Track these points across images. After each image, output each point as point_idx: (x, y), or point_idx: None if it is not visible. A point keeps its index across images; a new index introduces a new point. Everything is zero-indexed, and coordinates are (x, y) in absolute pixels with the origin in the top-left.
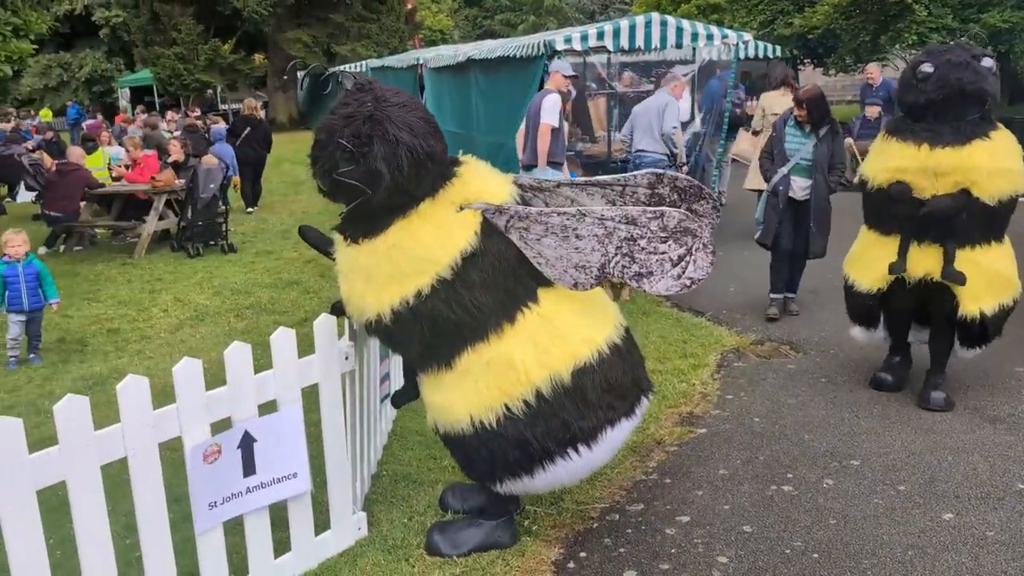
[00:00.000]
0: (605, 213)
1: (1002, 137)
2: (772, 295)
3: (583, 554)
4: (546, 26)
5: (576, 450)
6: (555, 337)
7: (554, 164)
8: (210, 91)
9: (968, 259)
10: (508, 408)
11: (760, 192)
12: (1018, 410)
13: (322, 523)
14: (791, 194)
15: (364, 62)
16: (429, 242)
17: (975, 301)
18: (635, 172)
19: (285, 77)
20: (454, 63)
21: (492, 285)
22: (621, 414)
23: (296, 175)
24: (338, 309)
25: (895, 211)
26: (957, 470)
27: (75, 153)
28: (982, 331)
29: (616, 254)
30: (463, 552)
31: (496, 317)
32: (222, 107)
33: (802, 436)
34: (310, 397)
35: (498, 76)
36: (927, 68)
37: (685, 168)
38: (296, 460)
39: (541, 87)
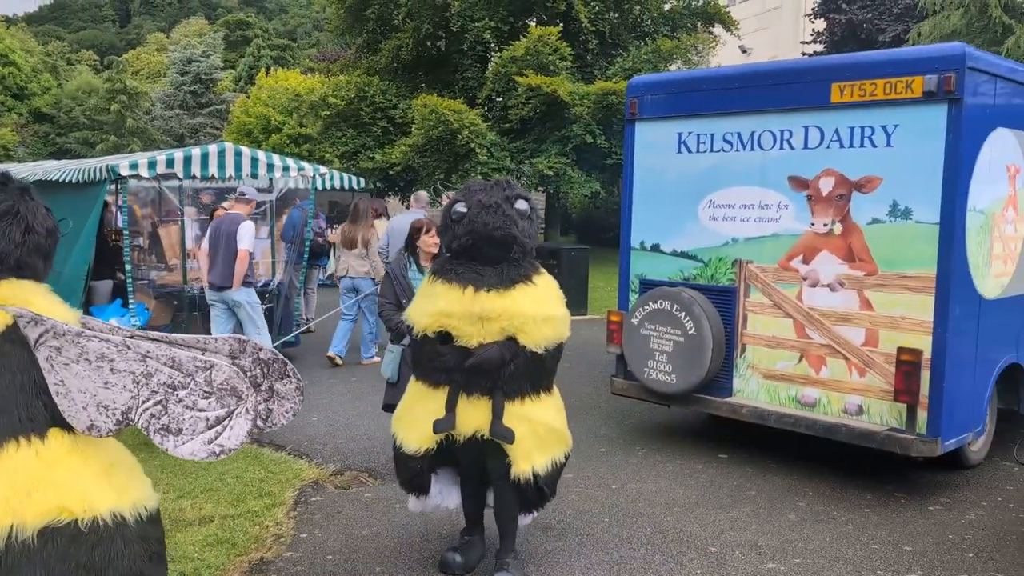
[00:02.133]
0: (152, 350)
1: (544, 282)
2: None
3: None
4: (129, 147)
5: None
6: (45, 484)
7: (247, 284)
8: None
9: (518, 414)
10: None
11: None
12: (566, 515)
13: None
14: None
15: None
16: None
17: (527, 459)
18: (218, 336)
19: None
20: None
21: None
22: None
23: None
24: None
25: (441, 361)
26: None
27: None
28: (538, 492)
29: (149, 399)
30: None
31: None
32: None
33: (374, 569)
34: None
35: (57, 200)
36: (460, 208)
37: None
38: None
39: (104, 211)
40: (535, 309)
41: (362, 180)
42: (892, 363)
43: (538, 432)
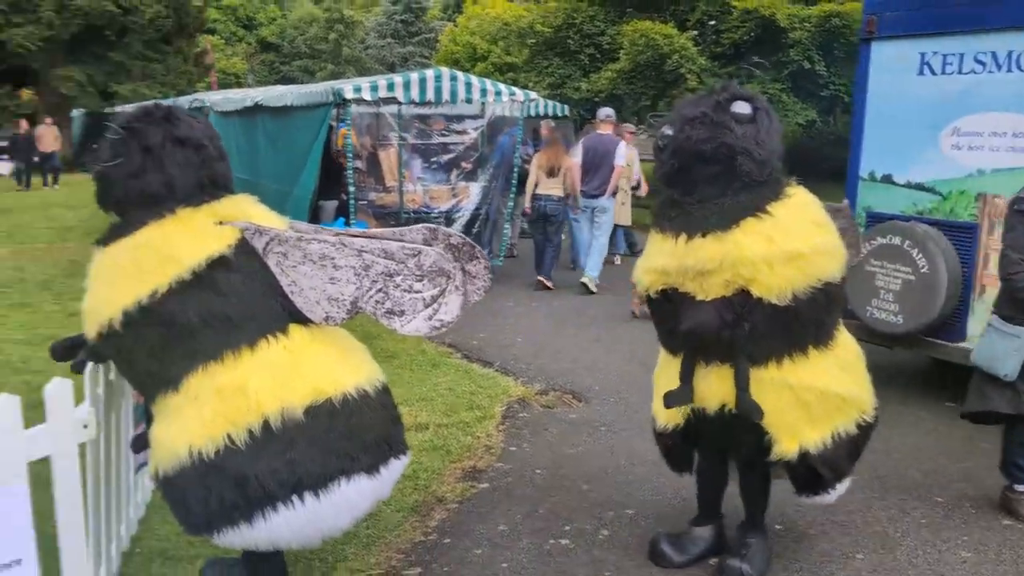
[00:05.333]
0: (365, 245)
1: (789, 209)
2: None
3: None
4: (345, 74)
5: (301, 497)
6: (297, 372)
7: (611, 196)
8: None
9: (775, 380)
10: (231, 438)
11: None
12: None
13: None
14: None
15: (147, 103)
16: (178, 243)
17: (792, 436)
18: (411, 227)
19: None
20: (241, 107)
21: (236, 302)
22: (361, 468)
23: (65, 220)
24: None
25: (661, 322)
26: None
27: None
28: (812, 474)
29: (371, 288)
30: None
31: (236, 339)
32: None
33: (580, 487)
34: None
35: (286, 123)
36: (666, 131)
37: None
38: (20, 544)
39: (329, 134)
40: (769, 249)
41: (566, 108)
42: None
43: (805, 401)
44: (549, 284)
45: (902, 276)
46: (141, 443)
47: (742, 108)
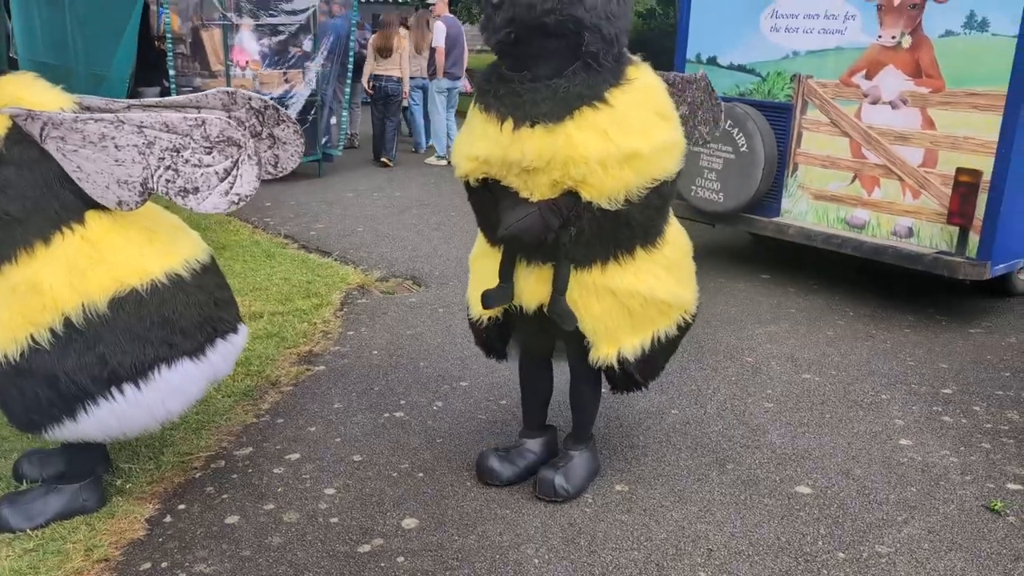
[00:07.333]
0: (144, 120)
1: (630, 96)
2: None
3: (182, 506)
4: None
5: (120, 389)
6: (97, 262)
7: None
8: None
9: (598, 285)
10: (34, 339)
11: None
12: None
13: None
14: None
15: None
16: None
17: (610, 342)
18: (207, 91)
19: None
20: None
21: (14, 196)
22: (182, 353)
23: None
24: None
25: (480, 212)
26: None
27: None
28: (627, 378)
29: (159, 167)
30: (39, 524)
31: (26, 236)
32: None
33: (417, 364)
34: None
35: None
36: None
37: None
38: None
39: (148, 18)
40: (604, 147)
41: None
42: (949, 184)
43: (629, 307)
44: (390, 162)
45: (723, 156)
46: None
47: None
